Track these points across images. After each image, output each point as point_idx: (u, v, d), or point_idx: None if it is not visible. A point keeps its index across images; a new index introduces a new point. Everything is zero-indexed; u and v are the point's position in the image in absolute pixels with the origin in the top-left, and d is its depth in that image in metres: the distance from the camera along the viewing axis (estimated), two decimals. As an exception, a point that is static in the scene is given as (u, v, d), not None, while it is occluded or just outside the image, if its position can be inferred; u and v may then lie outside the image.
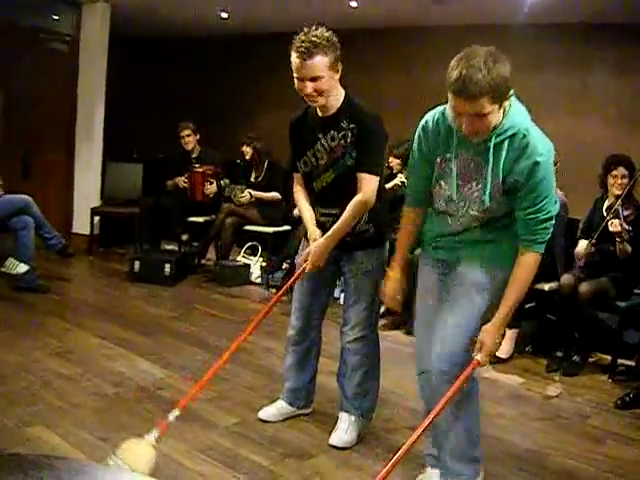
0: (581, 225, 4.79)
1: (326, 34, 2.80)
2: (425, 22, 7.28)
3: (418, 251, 2.89)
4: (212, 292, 6.06)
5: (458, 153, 2.41)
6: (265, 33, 8.46)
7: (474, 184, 2.40)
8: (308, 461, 2.94)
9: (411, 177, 2.70)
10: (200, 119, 7.05)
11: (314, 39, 2.74)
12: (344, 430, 3.13)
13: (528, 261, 2.38)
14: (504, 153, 2.30)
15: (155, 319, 5.07)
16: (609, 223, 4.31)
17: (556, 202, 2.38)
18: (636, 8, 5.85)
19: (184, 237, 6.81)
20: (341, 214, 2.93)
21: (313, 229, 3.03)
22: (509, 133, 2.28)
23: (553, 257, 4.69)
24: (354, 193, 2.90)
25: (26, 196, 5.62)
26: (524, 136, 2.27)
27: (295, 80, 2.84)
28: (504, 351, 4.55)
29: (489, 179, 2.35)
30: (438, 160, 2.49)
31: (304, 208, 3.12)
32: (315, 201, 3.10)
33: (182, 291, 6.08)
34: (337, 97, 2.93)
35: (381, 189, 3.03)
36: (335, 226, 2.93)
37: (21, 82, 6.83)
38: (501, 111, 2.25)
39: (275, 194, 6.51)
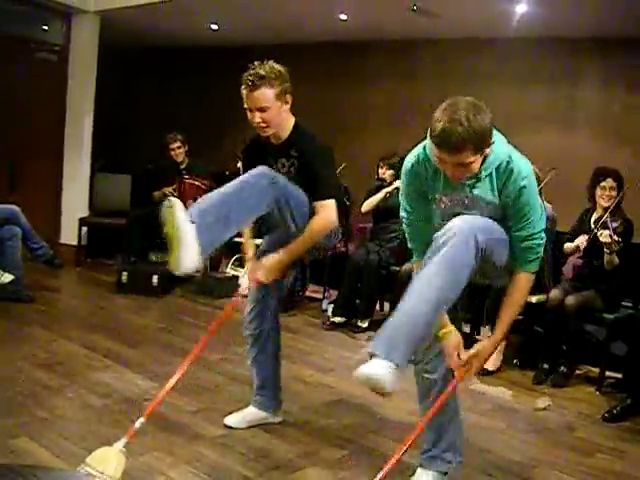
0: (567, 236, 4.80)
1: (276, 67, 2.95)
2: (414, 35, 7.31)
3: (408, 265, 2.88)
4: (200, 304, 6.04)
5: (453, 194, 2.44)
6: (255, 45, 8.48)
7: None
8: (295, 473, 2.92)
9: (409, 227, 2.67)
10: (189, 130, 7.04)
11: (261, 72, 2.89)
12: None
13: (520, 281, 2.50)
14: (495, 181, 2.36)
15: (142, 330, 5.04)
16: (599, 234, 4.34)
17: (543, 228, 2.45)
18: (623, 22, 5.91)
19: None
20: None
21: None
22: (495, 165, 2.34)
23: (541, 270, 4.70)
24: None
25: (14, 206, 5.59)
26: (508, 163, 2.33)
27: (247, 111, 2.98)
28: (492, 363, 4.55)
29: (486, 211, 2.40)
30: (434, 198, 2.52)
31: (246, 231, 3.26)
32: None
33: (170, 302, 6.06)
34: (287, 126, 3.07)
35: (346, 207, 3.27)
36: (292, 244, 2.99)
37: (10, 92, 6.81)
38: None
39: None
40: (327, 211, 2.97)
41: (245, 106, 2.97)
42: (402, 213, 2.67)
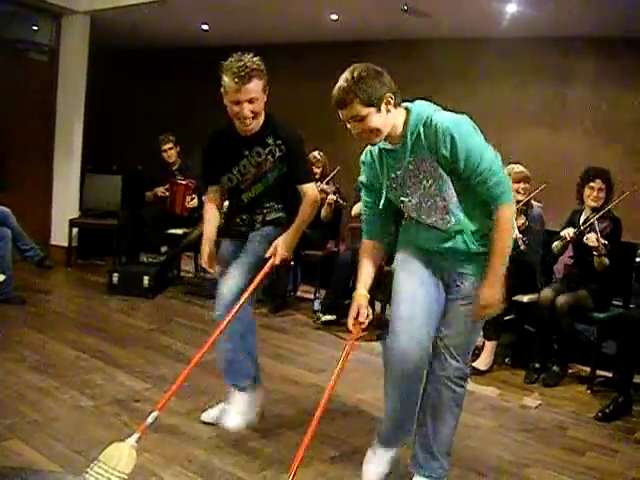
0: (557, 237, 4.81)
1: (258, 61, 3.04)
2: (405, 36, 7.33)
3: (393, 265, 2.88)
4: (191, 304, 6.03)
5: (400, 166, 2.55)
6: (246, 45, 8.45)
7: (424, 181, 2.53)
8: (286, 474, 2.91)
9: (364, 211, 2.82)
10: (180, 131, 7.03)
11: (250, 64, 2.98)
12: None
13: (501, 213, 2.49)
14: (424, 139, 2.45)
15: (133, 331, 5.02)
16: (585, 239, 4.35)
17: (497, 156, 2.48)
18: (613, 22, 5.94)
19: (163, 249, 6.78)
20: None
21: (207, 249, 3.30)
22: (420, 124, 2.45)
23: (532, 269, 4.72)
24: (281, 199, 3.25)
25: (4, 207, 5.57)
26: (431, 120, 2.44)
27: (229, 104, 3.07)
28: (483, 363, 4.57)
29: (430, 167, 2.48)
30: (388, 182, 2.62)
31: (208, 225, 3.36)
32: (243, 211, 3.32)
33: (161, 303, 6.04)
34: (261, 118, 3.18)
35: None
36: (296, 223, 3.17)
37: (-1, 92, 6.79)
38: (393, 112, 2.45)
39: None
40: (314, 192, 3.22)
41: (231, 99, 3.03)
42: (362, 209, 2.82)
